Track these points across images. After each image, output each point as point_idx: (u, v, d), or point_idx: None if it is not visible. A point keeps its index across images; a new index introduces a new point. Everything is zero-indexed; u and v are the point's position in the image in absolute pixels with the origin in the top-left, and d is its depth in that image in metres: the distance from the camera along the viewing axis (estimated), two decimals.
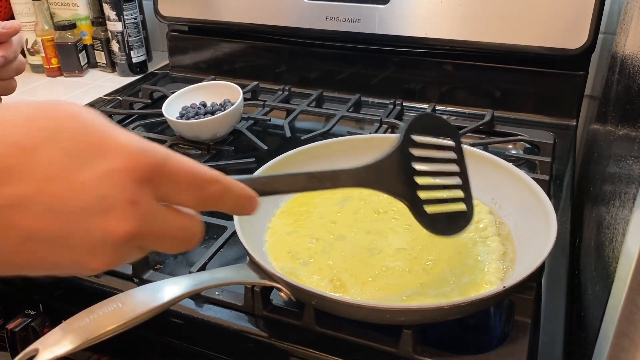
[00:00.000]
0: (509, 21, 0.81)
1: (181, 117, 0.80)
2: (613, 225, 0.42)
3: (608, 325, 0.32)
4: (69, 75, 1.13)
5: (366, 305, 0.43)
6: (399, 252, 0.53)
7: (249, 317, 0.51)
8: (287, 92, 0.94)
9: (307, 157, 0.63)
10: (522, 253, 0.52)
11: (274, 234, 0.57)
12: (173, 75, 1.09)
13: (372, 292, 0.49)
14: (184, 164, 0.30)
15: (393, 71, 0.93)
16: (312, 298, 0.45)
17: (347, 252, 0.53)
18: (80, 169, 0.26)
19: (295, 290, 0.46)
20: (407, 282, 0.50)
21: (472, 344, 0.49)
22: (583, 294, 0.54)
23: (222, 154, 0.78)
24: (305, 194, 0.61)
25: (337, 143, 0.66)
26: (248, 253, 0.48)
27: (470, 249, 0.53)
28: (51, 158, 0.25)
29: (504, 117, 0.87)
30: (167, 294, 0.41)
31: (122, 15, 1.06)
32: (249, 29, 0.98)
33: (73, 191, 0.26)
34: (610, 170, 0.50)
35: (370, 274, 0.51)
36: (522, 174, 0.57)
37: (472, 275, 0.50)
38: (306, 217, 0.59)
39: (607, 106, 0.63)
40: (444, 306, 0.42)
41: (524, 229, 0.54)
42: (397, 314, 0.44)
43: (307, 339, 0.48)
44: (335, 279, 0.50)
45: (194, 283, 0.43)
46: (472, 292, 0.48)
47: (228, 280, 0.46)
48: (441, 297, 0.48)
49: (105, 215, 0.26)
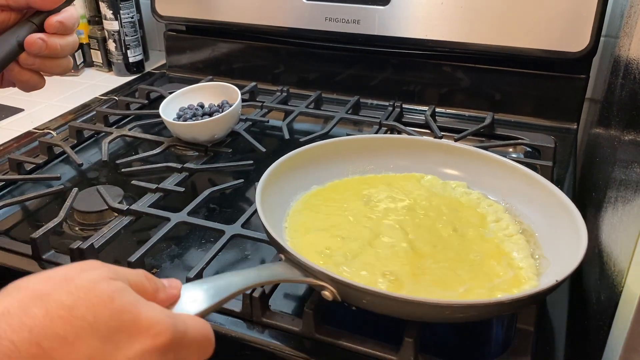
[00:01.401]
0: (510, 24, 0.80)
1: (178, 118, 0.79)
2: (620, 232, 0.41)
3: (616, 339, 0.31)
4: (64, 75, 1.11)
5: (428, 302, 0.41)
6: (434, 249, 0.52)
7: (247, 324, 0.50)
8: (285, 94, 0.93)
9: (320, 154, 0.63)
10: (549, 249, 0.52)
11: (294, 233, 0.54)
12: (170, 75, 1.08)
13: (427, 287, 0.47)
14: (199, 331, 0.34)
15: (392, 73, 0.92)
16: (365, 296, 0.42)
17: (383, 248, 0.51)
18: (116, 353, 0.29)
19: (346, 288, 0.43)
20: (455, 277, 0.48)
21: (473, 352, 0.48)
22: (587, 302, 0.53)
23: (219, 155, 0.77)
24: (318, 195, 0.60)
25: (347, 142, 0.65)
26: (285, 250, 0.45)
27: (501, 246, 0.53)
28: (90, 346, 0.28)
29: (505, 120, 0.86)
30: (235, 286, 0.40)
31: (118, 14, 1.04)
32: (247, 29, 0.97)
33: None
34: (616, 176, 0.49)
35: (416, 270, 0.49)
36: (536, 175, 0.58)
37: (511, 271, 0.49)
38: (322, 215, 0.57)
39: (611, 110, 0.63)
40: (505, 300, 0.42)
41: (545, 227, 0.54)
42: (459, 310, 0.42)
43: (306, 347, 0.47)
44: (387, 274, 0.48)
45: (249, 278, 0.42)
46: (513, 288, 0.47)
47: (277, 277, 0.44)
48: (495, 291, 0.47)
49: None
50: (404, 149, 0.65)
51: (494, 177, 0.61)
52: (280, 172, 0.58)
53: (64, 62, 0.54)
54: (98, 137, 0.85)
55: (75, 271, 0.31)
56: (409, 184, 0.62)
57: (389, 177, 0.64)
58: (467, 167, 0.63)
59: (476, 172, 0.62)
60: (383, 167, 0.65)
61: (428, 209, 0.58)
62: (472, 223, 0.56)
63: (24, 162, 0.75)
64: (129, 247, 0.60)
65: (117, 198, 0.66)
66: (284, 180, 0.58)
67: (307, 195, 0.60)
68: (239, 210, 0.66)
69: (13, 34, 0.50)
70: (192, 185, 0.73)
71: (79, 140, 0.83)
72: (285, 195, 0.58)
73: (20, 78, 0.53)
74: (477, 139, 0.81)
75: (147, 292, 0.34)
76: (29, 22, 0.51)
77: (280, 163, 0.58)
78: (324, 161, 0.63)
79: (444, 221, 0.56)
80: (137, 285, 0.33)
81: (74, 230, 0.64)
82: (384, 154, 0.65)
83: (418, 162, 0.65)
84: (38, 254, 0.58)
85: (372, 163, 0.65)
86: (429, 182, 0.63)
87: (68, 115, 0.92)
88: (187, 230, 0.63)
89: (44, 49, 0.50)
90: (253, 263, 0.59)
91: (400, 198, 0.59)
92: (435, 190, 0.61)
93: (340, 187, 0.62)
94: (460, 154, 0.64)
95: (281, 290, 0.53)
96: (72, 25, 0.52)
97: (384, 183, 0.62)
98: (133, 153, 0.80)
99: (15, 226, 0.66)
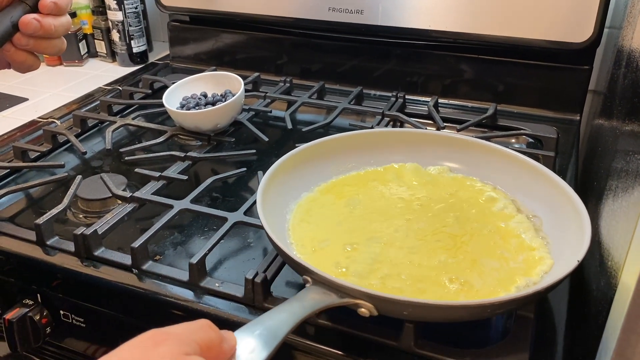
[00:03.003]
0: (513, 14, 0.80)
1: (182, 107, 0.79)
2: (619, 219, 0.42)
3: (615, 321, 0.32)
4: (68, 65, 1.12)
5: (469, 305, 0.41)
6: (441, 246, 0.52)
7: (249, 309, 0.50)
8: (288, 84, 0.93)
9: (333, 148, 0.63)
10: (553, 238, 0.52)
11: (302, 249, 0.52)
12: (173, 65, 1.08)
13: (451, 290, 0.47)
14: None
15: (396, 63, 0.92)
16: (406, 308, 0.42)
17: (393, 254, 0.51)
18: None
19: (386, 304, 0.42)
20: (477, 270, 0.49)
21: (473, 338, 0.49)
22: (586, 289, 0.53)
23: (222, 145, 0.78)
24: (310, 202, 0.59)
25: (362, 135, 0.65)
26: (316, 274, 0.43)
27: (502, 227, 0.54)
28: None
29: (507, 111, 0.86)
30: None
31: (122, 4, 1.05)
32: (250, 20, 0.97)
33: None
34: (616, 165, 0.50)
35: (435, 272, 0.48)
36: (536, 163, 0.58)
37: (523, 253, 0.50)
38: (321, 227, 0.55)
39: (613, 101, 0.63)
40: (541, 289, 0.41)
41: (548, 214, 0.55)
42: (499, 307, 0.42)
43: (308, 333, 0.48)
44: (417, 284, 0.47)
45: (296, 314, 0.40)
46: (537, 268, 0.48)
47: (319, 305, 0.42)
48: (515, 275, 0.48)
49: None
50: (394, 142, 0.65)
51: (494, 168, 0.61)
52: (271, 186, 0.55)
53: (58, 42, 0.54)
54: (102, 127, 0.85)
55: (148, 348, 0.31)
56: (393, 177, 0.62)
57: (370, 172, 0.63)
58: (466, 159, 0.63)
59: (476, 163, 0.62)
60: (381, 163, 0.65)
61: (425, 202, 0.58)
62: (473, 210, 0.56)
63: (29, 150, 0.75)
64: (132, 234, 0.61)
65: (120, 186, 0.66)
66: (275, 194, 0.56)
67: (299, 204, 0.58)
68: (241, 198, 0.67)
69: (7, 15, 0.50)
70: (195, 174, 0.73)
71: (82, 129, 0.83)
72: (279, 209, 0.56)
73: (15, 59, 0.53)
74: (480, 130, 0.81)
75: (214, 345, 0.33)
76: (23, 2, 0.51)
77: (269, 176, 0.56)
78: (309, 166, 0.61)
79: (446, 212, 0.56)
80: (206, 344, 0.33)
81: (78, 217, 0.65)
82: (376, 149, 0.65)
83: (408, 155, 0.64)
84: (42, 240, 0.59)
85: (372, 158, 0.64)
86: (413, 171, 0.63)
87: (72, 104, 0.93)
88: (190, 218, 0.63)
89: (38, 29, 0.51)
90: (255, 251, 0.59)
91: (377, 198, 0.59)
92: (423, 179, 0.62)
93: (333, 189, 0.61)
94: (460, 145, 0.64)
95: (283, 277, 0.54)
96: (66, 5, 0.53)
97: (371, 179, 0.62)
98: (136, 142, 0.81)
99: (19, 213, 0.66)
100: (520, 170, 0.58)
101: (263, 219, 0.49)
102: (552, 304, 0.51)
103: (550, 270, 0.48)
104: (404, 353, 0.45)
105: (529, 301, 0.45)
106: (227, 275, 0.55)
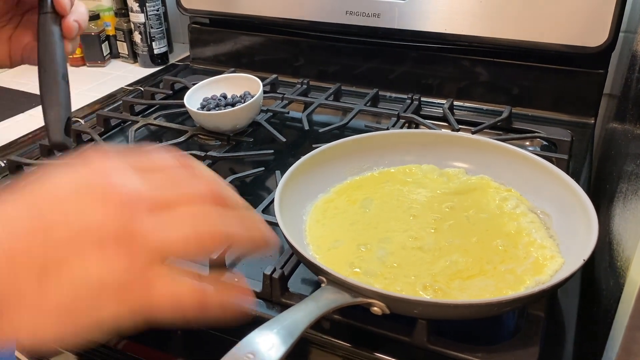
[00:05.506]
0: (529, 18, 0.81)
1: (202, 108, 0.81)
2: (629, 220, 0.43)
3: (621, 318, 0.33)
4: (91, 65, 1.15)
5: (477, 303, 0.43)
6: (451, 245, 0.53)
7: (267, 304, 0.52)
8: (305, 86, 0.95)
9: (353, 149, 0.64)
10: (561, 228, 0.53)
11: (318, 250, 0.53)
12: (193, 67, 1.10)
13: (465, 286, 0.48)
14: None
15: (411, 66, 0.94)
16: (417, 307, 0.44)
17: (406, 254, 0.52)
18: None
19: (397, 303, 0.43)
20: (488, 267, 0.50)
21: (485, 335, 0.50)
22: (596, 289, 0.54)
23: (241, 145, 0.80)
24: (326, 203, 0.61)
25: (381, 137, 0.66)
26: (331, 275, 0.45)
27: (513, 226, 0.54)
28: None
29: (522, 114, 0.87)
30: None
31: (144, 7, 1.07)
32: (269, 23, 0.99)
33: None
34: (627, 168, 0.50)
35: (449, 271, 0.49)
36: (549, 164, 0.58)
37: (535, 252, 0.51)
38: (336, 228, 0.56)
39: (627, 105, 0.63)
40: (546, 288, 0.43)
41: (557, 214, 0.55)
42: (506, 305, 0.43)
43: (323, 327, 0.49)
44: (428, 285, 0.48)
45: (312, 312, 0.42)
46: (548, 267, 0.49)
47: (333, 305, 0.43)
48: (524, 275, 0.49)
49: None
50: (409, 143, 0.66)
51: (508, 168, 0.62)
52: (288, 188, 0.56)
53: (76, 43, 0.61)
54: (124, 126, 0.87)
55: None
56: (408, 178, 0.63)
57: (385, 173, 0.65)
58: (481, 160, 0.64)
59: (491, 164, 0.63)
60: (397, 164, 0.66)
61: (439, 202, 0.59)
62: (486, 210, 0.58)
63: None
64: None
65: None
66: (292, 195, 0.57)
67: (315, 205, 0.60)
68: (258, 197, 0.68)
69: (51, 34, 0.52)
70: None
71: (106, 128, 0.86)
72: (296, 210, 0.57)
73: (34, 56, 0.58)
74: (495, 132, 0.81)
75: None
76: (47, 14, 0.53)
77: (286, 179, 0.57)
78: (326, 167, 0.62)
79: (460, 212, 0.57)
80: None
81: None
82: (391, 150, 0.66)
83: (423, 156, 0.65)
84: None
85: (383, 159, 0.66)
86: (428, 172, 0.64)
87: (95, 104, 0.95)
88: None
89: (79, 30, 0.56)
90: None
91: (391, 198, 0.60)
92: (438, 180, 0.63)
93: (349, 190, 0.62)
94: (474, 146, 0.64)
95: (299, 275, 0.55)
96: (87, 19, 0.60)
97: (386, 180, 0.63)
98: (158, 141, 0.83)
99: None
100: (532, 171, 0.59)
101: (280, 222, 0.51)
102: (562, 304, 0.52)
103: (560, 268, 0.49)
104: (417, 349, 0.47)
105: (535, 299, 0.46)
106: (246, 271, 0.57)
